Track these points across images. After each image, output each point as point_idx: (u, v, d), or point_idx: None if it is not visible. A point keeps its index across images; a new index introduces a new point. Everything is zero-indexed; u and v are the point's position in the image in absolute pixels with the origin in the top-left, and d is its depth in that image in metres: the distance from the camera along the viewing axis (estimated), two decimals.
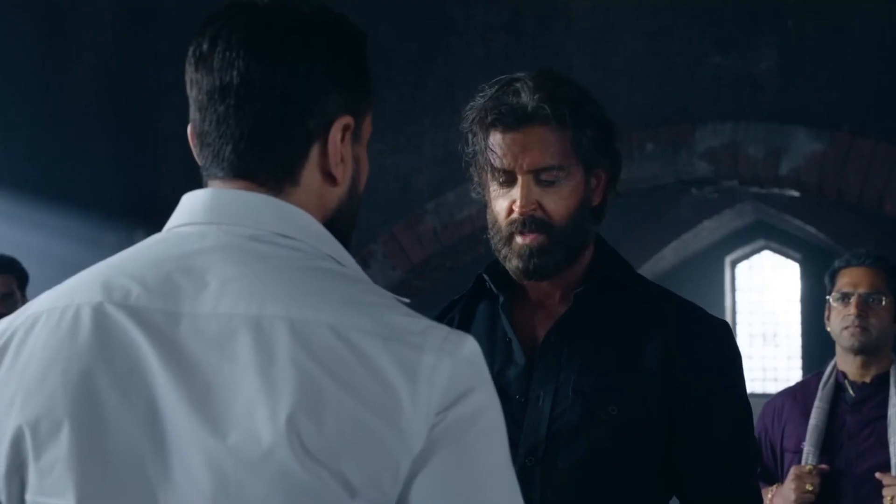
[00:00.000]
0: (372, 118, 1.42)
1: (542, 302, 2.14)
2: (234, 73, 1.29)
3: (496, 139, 2.07)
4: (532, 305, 2.15)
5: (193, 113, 1.33)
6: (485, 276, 2.18)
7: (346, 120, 1.33)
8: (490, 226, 2.13)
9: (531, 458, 2.02)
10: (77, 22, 6.58)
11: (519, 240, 2.07)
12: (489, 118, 2.07)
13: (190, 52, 1.33)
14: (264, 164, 1.31)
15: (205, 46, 1.31)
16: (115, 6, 6.79)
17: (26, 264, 4.54)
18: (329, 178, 1.34)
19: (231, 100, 1.30)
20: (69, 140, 6.44)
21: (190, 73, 1.33)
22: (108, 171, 6.57)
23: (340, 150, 1.33)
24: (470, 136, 2.12)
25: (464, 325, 2.17)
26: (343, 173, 1.35)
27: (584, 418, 2.02)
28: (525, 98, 2.06)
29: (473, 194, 2.17)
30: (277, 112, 1.30)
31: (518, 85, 2.08)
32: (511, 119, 2.06)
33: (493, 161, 2.08)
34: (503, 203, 2.09)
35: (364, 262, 6.67)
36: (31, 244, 5.63)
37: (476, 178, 2.13)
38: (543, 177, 2.06)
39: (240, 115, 1.30)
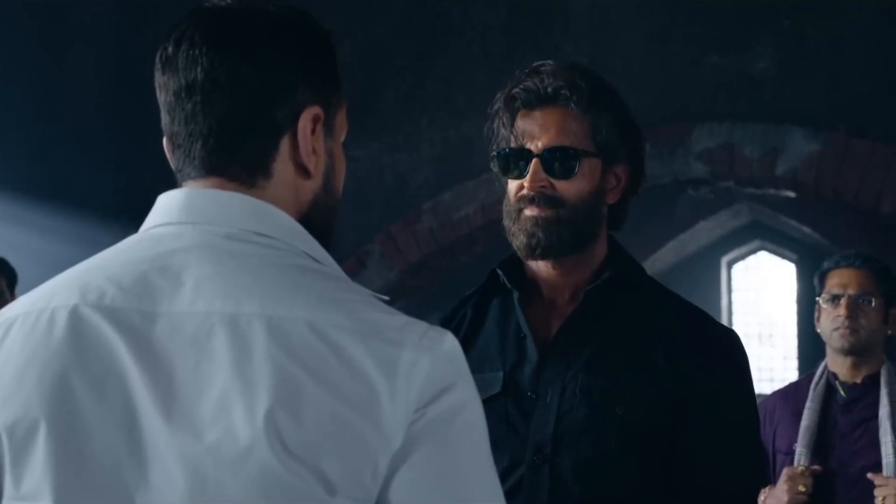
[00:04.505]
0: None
1: (554, 299, 2.15)
2: (199, 69, 1.30)
3: (517, 119, 2.11)
4: (544, 303, 2.15)
5: (164, 117, 1.34)
6: (499, 272, 2.18)
7: (315, 110, 1.34)
8: (504, 210, 2.14)
9: (539, 455, 2.03)
10: (77, 22, 6.59)
11: (527, 212, 2.08)
12: (511, 98, 2.11)
13: (157, 58, 1.34)
14: (235, 158, 1.31)
15: (170, 49, 1.32)
16: (115, 6, 6.80)
17: (23, 264, 4.53)
18: (302, 170, 1.34)
19: (197, 97, 1.30)
20: (68, 140, 6.44)
21: (158, 78, 1.34)
22: (106, 171, 6.57)
23: (311, 141, 1.34)
24: (495, 120, 2.15)
25: (477, 321, 2.18)
26: (316, 165, 1.35)
27: (591, 417, 2.03)
28: (547, 81, 2.10)
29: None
30: (244, 105, 1.30)
31: (543, 70, 2.12)
32: (532, 98, 2.10)
33: (511, 141, 2.11)
34: (517, 182, 2.11)
35: (361, 262, 6.67)
36: (28, 244, 5.63)
37: (497, 167, 2.14)
38: (558, 157, 2.07)
39: (207, 111, 1.30)
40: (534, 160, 2.07)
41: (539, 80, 2.10)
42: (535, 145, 2.08)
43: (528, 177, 2.08)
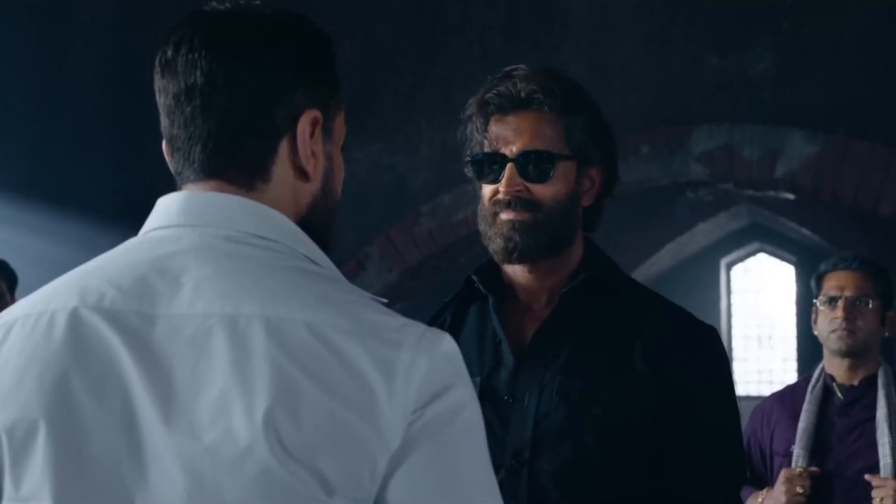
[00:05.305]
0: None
1: (531, 304, 2.15)
2: (198, 73, 1.30)
3: (490, 124, 2.12)
4: (521, 307, 2.16)
5: (163, 120, 1.35)
6: (474, 278, 2.19)
7: (314, 113, 1.34)
8: (479, 214, 2.15)
9: (518, 459, 2.03)
10: (77, 22, 6.60)
11: (503, 216, 2.09)
12: (485, 103, 2.12)
13: (156, 62, 1.34)
14: (234, 161, 1.32)
15: (169, 53, 1.33)
16: (115, 6, 6.80)
17: (23, 266, 4.53)
18: (301, 173, 1.34)
19: (197, 100, 1.31)
20: (68, 140, 6.44)
21: (157, 82, 1.34)
22: (106, 172, 6.57)
23: (310, 144, 1.34)
24: (468, 125, 2.15)
25: (455, 327, 2.18)
26: (315, 168, 1.35)
27: (569, 419, 2.03)
28: (520, 85, 2.11)
29: (470, 187, 2.20)
30: (243, 108, 1.31)
31: (516, 74, 2.13)
32: (506, 103, 2.11)
33: (485, 146, 2.12)
34: (492, 186, 2.11)
35: (360, 265, 6.67)
36: (28, 246, 5.63)
37: (472, 172, 2.15)
38: (533, 161, 2.08)
39: (206, 114, 1.31)
40: (509, 164, 2.08)
41: (512, 84, 2.11)
42: (510, 149, 2.09)
43: (503, 181, 2.08)
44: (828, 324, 3.57)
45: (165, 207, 1.33)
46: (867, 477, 3.42)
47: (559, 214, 2.09)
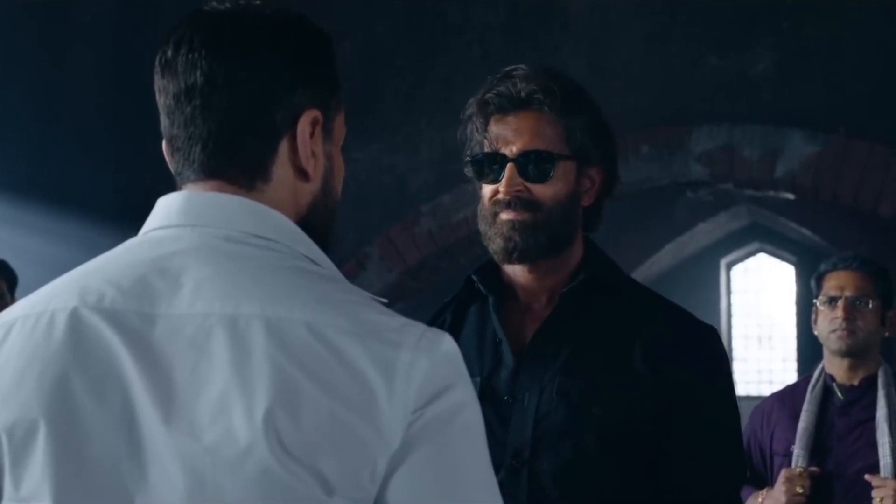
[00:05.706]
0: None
1: (531, 304, 2.16)
2: (198, 73, 1.31)
3: (490, 124, 2.12)
4: (521, 307, 2.16)
5: (163, 120, 1.35)
6: (473, 278, 2.19)
7: (314, 113, 1.35)
8: (479, 214, 2.15)
9: (518, 459, 2.03)
10: (77, 22, 6.60)
11: (503, 216, 2.09)
12: (485, 103, 2.13)
13: (156, 62, 1.34)
14: (234, 161, 1.32)
15: (169, 53, 1.33)
16: (115, 6, 6.80)
17: (23, 266, 4.53)
18: (301, 173, 1.35)
19: (197, 100, 1.31)
20: (68, 140, 6.45)
21: (157, 82, 1.35)
22: (106, 172, 6.57)
23: (310, 144, 1.34)
24: (468, 125, 2.16)
25: (455, 327, 2.18)
26: (315, 168, 1.36)
27: (569, 419, 2.03)
28: (520, 85, 2.11)
29: (470, 187, 2.19)
30: (243, 108, 1.31)
31: (516, 74, 2.13)
32: (506, 103, 2.11)
33: (485, 146, 2.12)
34: (492, 186, 2.12)
35: (360, 265, 6.67)
36: (28, 246, 5.63)
37: (472, 172, 2.16)
38: (533, 161, 2.08)
39: (206, 114, 1.31)
40: (509, 164, 2.09)
41: (512, 84, 2.11)
42: (510, 150, 2.09)
43: (503, 181, 2.09)
44: (828, 324, 3.57)
45: (165, 207, 1.34)
46: (867, 477, 3.42)
47: (559, 214, 2.09)
